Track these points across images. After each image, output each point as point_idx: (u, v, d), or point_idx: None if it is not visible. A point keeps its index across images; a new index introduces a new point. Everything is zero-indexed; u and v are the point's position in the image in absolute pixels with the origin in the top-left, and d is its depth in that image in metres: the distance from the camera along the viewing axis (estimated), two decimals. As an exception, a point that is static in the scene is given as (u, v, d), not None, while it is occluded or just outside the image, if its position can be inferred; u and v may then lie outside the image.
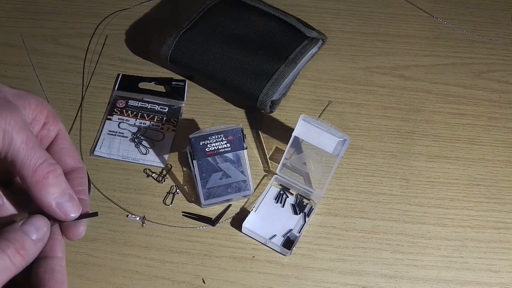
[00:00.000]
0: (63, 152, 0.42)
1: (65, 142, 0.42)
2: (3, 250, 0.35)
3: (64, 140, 0.42)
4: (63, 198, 0.38)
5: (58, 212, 0.38)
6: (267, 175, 0.70)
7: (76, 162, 0.42)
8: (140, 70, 0.79)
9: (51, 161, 0.38)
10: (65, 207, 0.38)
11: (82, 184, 0.42)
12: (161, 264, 0.63)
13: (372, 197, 0.68)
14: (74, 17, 0.84)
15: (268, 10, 0.78)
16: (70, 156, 0.42)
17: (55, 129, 0.42)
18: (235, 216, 0.67)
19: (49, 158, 0.38)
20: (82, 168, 0.43)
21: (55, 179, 0.37)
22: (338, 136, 0.65)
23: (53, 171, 0.37)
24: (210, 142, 0.65)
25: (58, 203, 0.38)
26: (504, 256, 0.65)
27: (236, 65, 0.73)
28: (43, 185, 0.37)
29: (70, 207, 0.38)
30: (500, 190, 0.70)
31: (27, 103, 0.39)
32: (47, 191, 0.37)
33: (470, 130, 0.75)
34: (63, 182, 0.38)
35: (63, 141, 0.42)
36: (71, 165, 0.42)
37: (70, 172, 0.42)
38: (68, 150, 0.42)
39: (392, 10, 0.88)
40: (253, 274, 0.62)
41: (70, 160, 0.42)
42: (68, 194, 0.38)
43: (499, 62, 0.82)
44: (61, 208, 0.38)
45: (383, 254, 0.64)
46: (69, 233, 0.40)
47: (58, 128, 0.42)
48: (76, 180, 0.41)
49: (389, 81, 0.79)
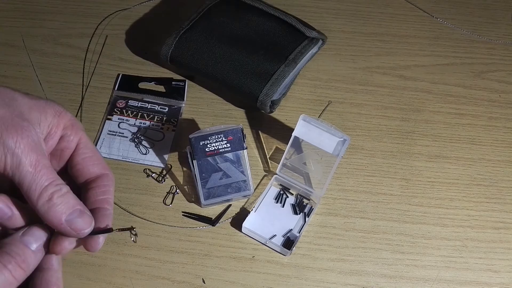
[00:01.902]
0: (85, 162, 0.42)
1: (87, 151, 0.42)
2: (5, 265, 0.35)
3: (86, 149, 0.42)
4: (72, 215, 0.38)
5: (69, 230, 0.38)
6: (267, 175, 0.70)
7: (101, 169, 0.42)
8: (140, 70, 0.79)
9: (58, 181, 0.38)
10: (75, 223, 0.38)
11: (106, 192, 0.41)
12: (161, 264, 0.63)
13: (372, 197, 0.68)
14: (74, 17, 0.84)
15: (268, 10, 0.78)
16: (93, 165, 0.42)
17: (75, 139, 0.42)
18: (235, 216, 0.67)
19: (55, 180, 0.37)
20: (106, 175, 0.42)
21: (60, 198, 0.37)
22: (338, 136, 0.65)
23: (58, 191, 0.37)
24: (210, 142, 0.65)
25: (67, 221, 0.37)
26: (504, 256, 0.65)
27: (236, 65, 0.73)
28: (48, 206, 0.37)
29: (80, 223, 0.38)
30: (500, 190, 0.70)
31: (43, 117, 0.39)
32: (54, 211, 0.37)
33: (470, 130, 0.75)
34: (70, 199, 0.38)
35: (85, 150, 0.42)
36: (96, 173, 0.42)
37: (95, 180, 0.42)
38: (91, 159, 0.42)
39: (392, 10, 0.88)
40: (253, 274, 0.62)
41: (94, 168, 0.42)
42: (78, 210, 0.38)
43: (499, 62, 0.82)
44: (72, 226, 0.38)
45: (383, 254, 0.64)
46: (87, 246, 0.40)
47: (78, 137, 0.42)
48: (100, 188, 0.41)
49: (389, 81, 0.79)
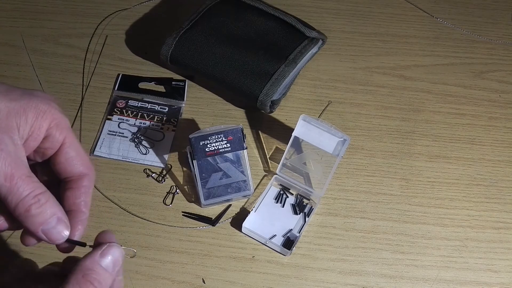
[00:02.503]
0: (68, 162, 0.42)
1: (71, 151, 0.42)
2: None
3: (70, 149, 0.42)
4: (49, 225, 0.39)
5: (45, 238, 0.39)
6: (267, 175, 0.70)
7: (83, 169, 0.43)
8: (140, 70, 0.79)
9: (36, 191, 0.38)
10: (51, 234, 0.39)
11: (85, 194, 0.42)
12: (161, 264, 0.63)
13: (372, 197, 0.68)
14: (74, 17, 0.84)
15: (268, 10, 0.78)
16: (76, 165, 0.42)
17: (60, 139, 0.41)
18: (235, 216, 0.67)
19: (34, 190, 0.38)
20: (88, 176, 0.43)
21: (38, 209, 0.38)
22: (338, 136, 0.65)
23: (36, 203, 0.38)
24: (210, 142, 0.65)
25: (43, 230, 0.39)
26: (504, 256, 0.65)
27: (236, 65, 0.73)
28: (25, 217, 0.38)
29: (55, 235, 0.39)
30: (500, 190, 0.70)
31: (22, 121, 0.39)
32: (31, 221, 0.38)
33: (470, 130, 0.75)
34: (48, 208, 0.39)
35: (69, 150, 0.42)
36: (78, 173, 0.42)
37: (75, 180, 0.42)
38: (74, 159, 0.42)
39: (392, 10, 0.88)
40: (253, 274, 0.62)
41: (77, 168, 0.42)
42: (56, 218, 0.39)
43: (499, 62, 0.82)
44: (47, 235, 0.39)
45: (383, 254, 0.64)
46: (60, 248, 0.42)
47: (63, 137, 0.42)
48: (80, 189, 0.42)
49: (389, 81, 0.79)
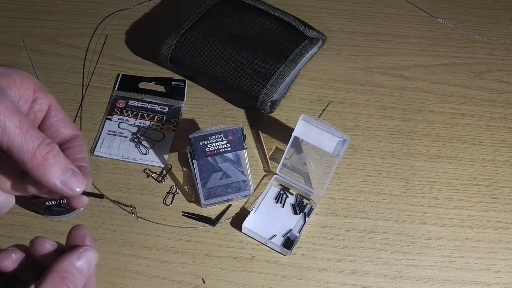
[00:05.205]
0: (58, 124, 0.42)
1: (59, 113, 0.42)
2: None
3: (57, 111, 0.42)
4: (66, 175, 0.38)
5: (65, 190, 0.38)
6: (267, 175, 0.70)
7: (73, 130, 0.43)
8: (140, 70, 0.79)
9: (47, 140, 0.38)
10: (70, 183, 0.38)
11: (81, 151, 0.42)
12: (161, 264, 0.63)
13: (372, 197, 0.68)
14: (74, 17, 0.84)
15: (268, 10, 0.78)
16: (66, 126, 0.42)
17: (46, 102, 0.42)
18: (235, 216, 0.67)
19: (45, 139, 0.38)
20: (79, 135, 0.43)
21: (54, 158, 0.37)
22: (338, 136, 0.65)
23: (52, 150, 0.37)
24: (210, 142, 0.65)
25: (62, 181, 0.38)
26: (504, 256, 0.65)
27: (236, 65, 0.73)
28: (44, 166, 0.37)
29: (74, 182, 0.39)
30: (500, 190, 0.70)
31: (11, 81, 0.39)
32: (50, 171, 0.37)
33: (470, 130, 0.75)
34: (62, 159, 0.38)
35: (57, 112, 0.42)
36: (68, 135, 0.43)
37: (68, 141, 0.42)
38: (63, 121, 0.42)
39: (392, 10, 0.88)
40: (253, 274, 0.62)
41: (66, 130, 0.42)
42: (71, 169, 0.39)
43: (499, 62, 0.82)
44: (67, 185, 0.38)
45: (383, 254, 0.64)
46: (75, 202, 0.41)
47: (49, 100, 0.42)
48: (75, 148, 0.42)
49: (389, 81, 0.79)
